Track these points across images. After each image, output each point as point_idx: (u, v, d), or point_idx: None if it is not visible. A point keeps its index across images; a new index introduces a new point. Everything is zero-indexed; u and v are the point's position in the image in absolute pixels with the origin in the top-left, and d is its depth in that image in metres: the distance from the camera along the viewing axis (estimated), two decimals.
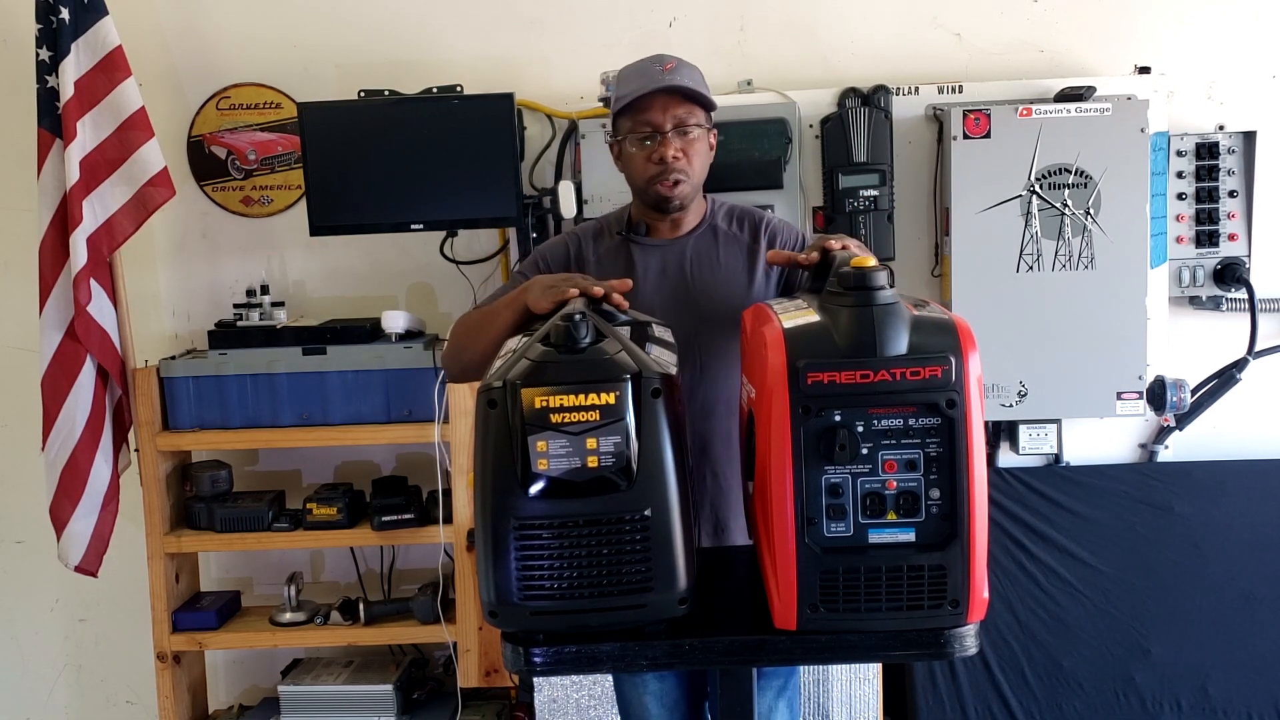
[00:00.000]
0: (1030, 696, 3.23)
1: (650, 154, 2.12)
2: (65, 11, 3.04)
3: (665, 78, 2.12)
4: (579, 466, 1.38)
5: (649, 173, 2.13)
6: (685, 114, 2.12)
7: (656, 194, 2.14)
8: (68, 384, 3.11)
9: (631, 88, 2.12)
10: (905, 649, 1.43)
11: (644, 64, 2.17)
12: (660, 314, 2.08)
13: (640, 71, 2.16)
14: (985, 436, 1.40)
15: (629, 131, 2.14)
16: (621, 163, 2.21)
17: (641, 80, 2.12)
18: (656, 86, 2.09)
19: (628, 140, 2.14)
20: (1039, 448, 3.24)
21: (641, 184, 2.16)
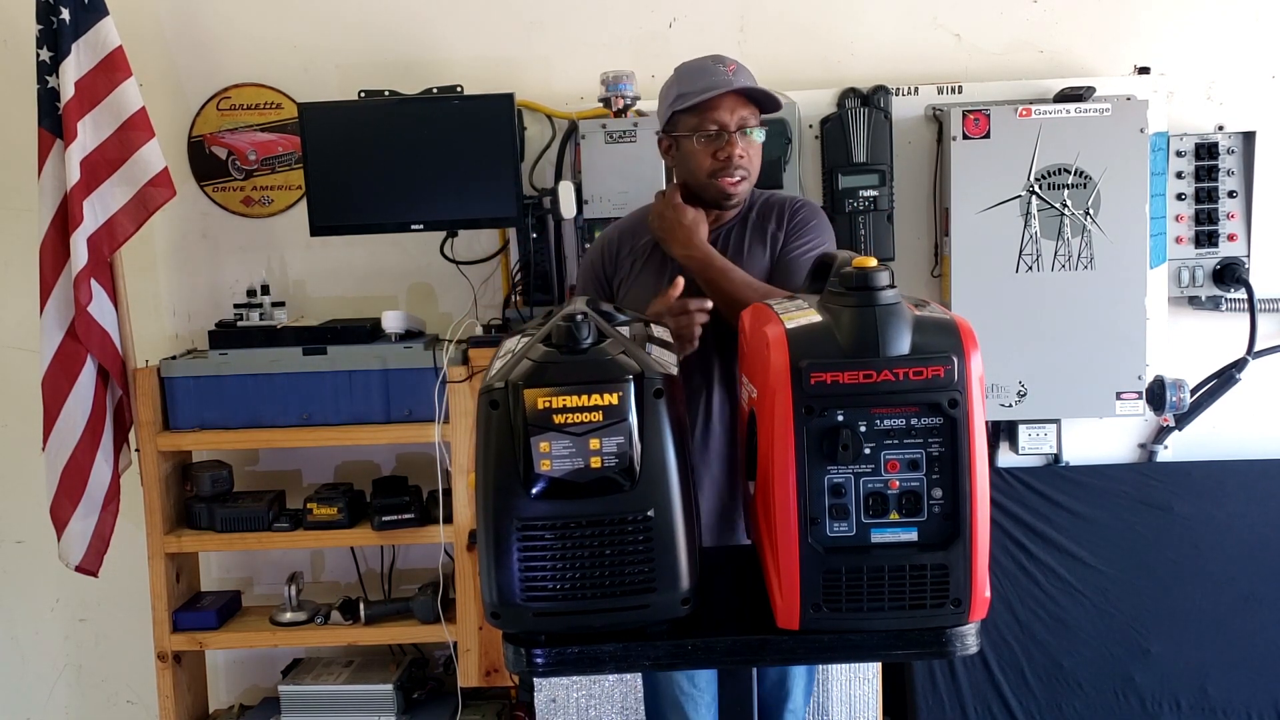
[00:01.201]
0: (1030, 696, 3.24)
1: (716, 151, 2.21)
2: (66, 12, 3.04)
3: (733, 78, 2.21)
4: (582, 467, 1.38)
5: (713, 168, 2.22)
6: (749, 115, 2.23)
7: (720, 189, 2.24)
8: (68, 384, 3.11)
9: (698, 86, 2.19)
10: (907, 648, 1.43)
11: (705, 64, 2.25)
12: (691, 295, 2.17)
13: (705, 71, 2.23)
14: (986, 436, 1.40)
15: (694, 129, 2.21)
16: (675, 157, 2.28)
17: (708, 80, 2.20)
18: (728, 88, 2.18)
19: (694, 137, 2.21)
20: (1039, 448, 3.25)
21: (704, 178, 2.24)
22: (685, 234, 2.24)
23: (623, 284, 2.35)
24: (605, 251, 2.39)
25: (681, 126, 2.24)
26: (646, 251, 2.34)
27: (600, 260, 2.39)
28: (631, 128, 3.00)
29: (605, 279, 2.38)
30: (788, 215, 2.34)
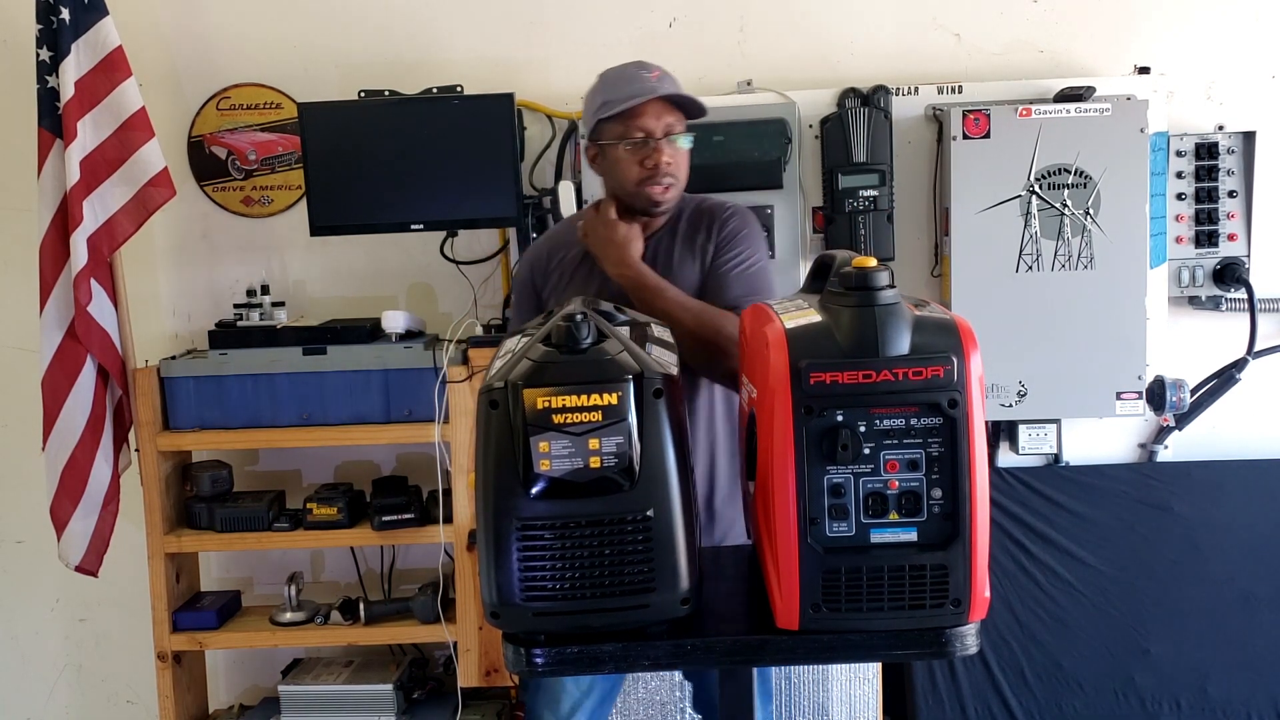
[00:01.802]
0: (1030, 696, 3.24)
1: (643, 159, 2.18)
2: (65, 12, 3.04)
3: (657, 85, 2.18)
4: (581, 467, 1.38)
5: (640, 176, 2.19)
6: (675, 121, 2.21)
7: (648, 197, 2.20)
8: (68, 384, 3.11)
9: (622, 93, 2.16)
10: (907, 648, 1.43)
11: (629, 70, 2.22)
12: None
13: (629, 78, 2.20)
14: (985, 436, 1.40)
15: (619, 136, 2.18)
16: (602, 166, 2.25)
17: (632, 86, 2.17)
18: (653, 95, 2.15)
19: (619, 146, 2.18)
20: (1039, 448, 3.25)
21: (632, 187, 2.20)
22: (618, 252, 2.20)
23: (551, 295, 2.30)
24: (535, 265, 2.36)
25: (607, 134, 2.21)
26: (575, 263, 2.30)
27: (530, 274, 2.36)
28: None
29: (536, 291, 2.34)
30: (717, 226, 2.29)
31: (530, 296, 2.34)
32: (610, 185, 2.27)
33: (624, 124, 2.18)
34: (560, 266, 2.31)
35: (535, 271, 2.35)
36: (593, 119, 2.22)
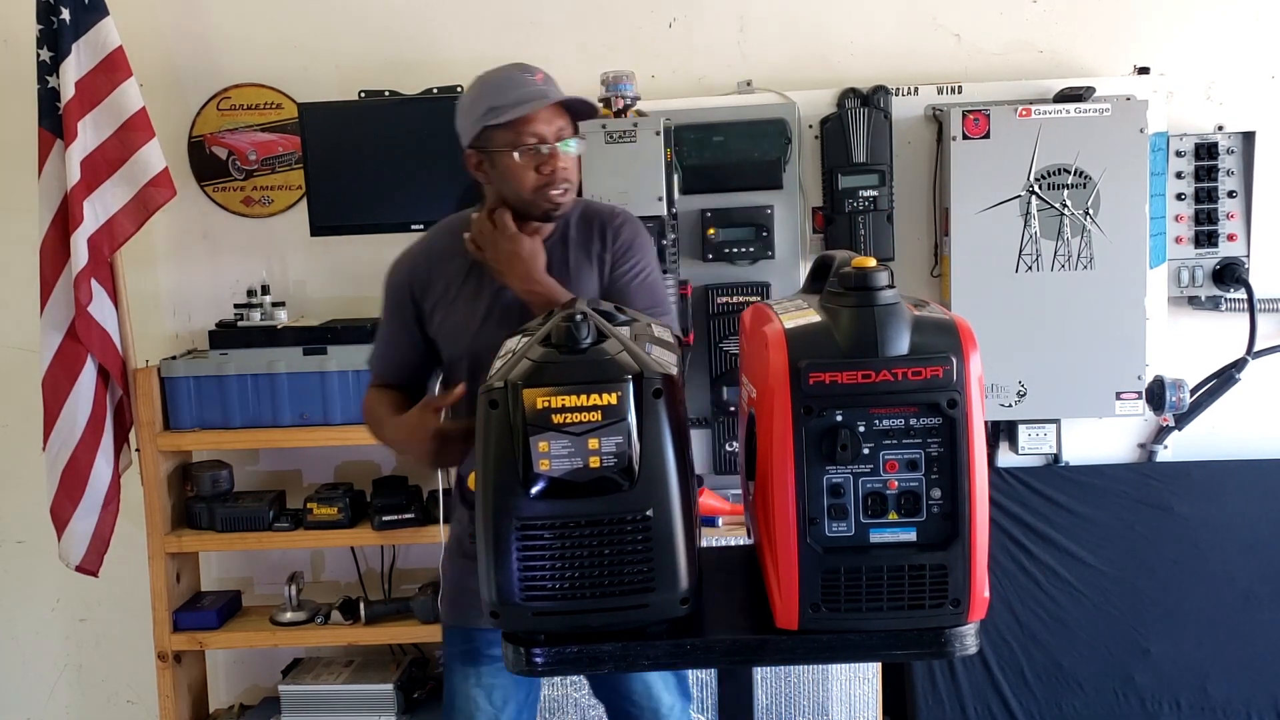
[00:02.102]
0: (1030, 696, 3.24)
1: (539, 166, 2.11)
2: (66, 12, 3.05)
3: (546, 89, 2.12)
4: (581, 467, 1.38)
5: (537, 183, 2.11)
6: (565, 125, 2.14)
7: (546, 204, 2.13)
8: (68, 384, 3.11)
9: (510, 98, 2.08)
10: (906, 648, 1.43)
11: (512, 73, 2.14)
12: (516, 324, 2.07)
13: (514, 81, 2.12)
14: (985, 436, 1.40)
15: (511, 143, 2.10)
16: (489, 174, 2.16)
17: (520, 91, 2.09)
18: (545, 99, 2.09)
19: (514, 153, 2.10)
20: (1038, 448, 3.25)
21: (529, 195, 2.12)
22: (524, 267, 2.12)
23: (436, 307, 2.21)
24: (415, 274, 2.23)
25: (495, 141, 2.11)
26: (462, 275, 2.20)
27: (408, 282, 2.23)
28: (631, 128, 3.00)
29: (414, 301, 2.22)
30: (611, 234, 2.25)
31: (407, 307, 2.23)
32: (501, 193, 2.16)
33: (515, 130, 2.08)
34: (445, 277, 2.21)
35: (415, 282, 2.23)
36: (477, 125, 2.12)
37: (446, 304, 2.20)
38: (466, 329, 2.17)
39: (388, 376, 2.29)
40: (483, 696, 2.27)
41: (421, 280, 2.22)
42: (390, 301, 2.27)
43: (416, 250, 2.28)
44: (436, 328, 2.21)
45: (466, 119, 2.16)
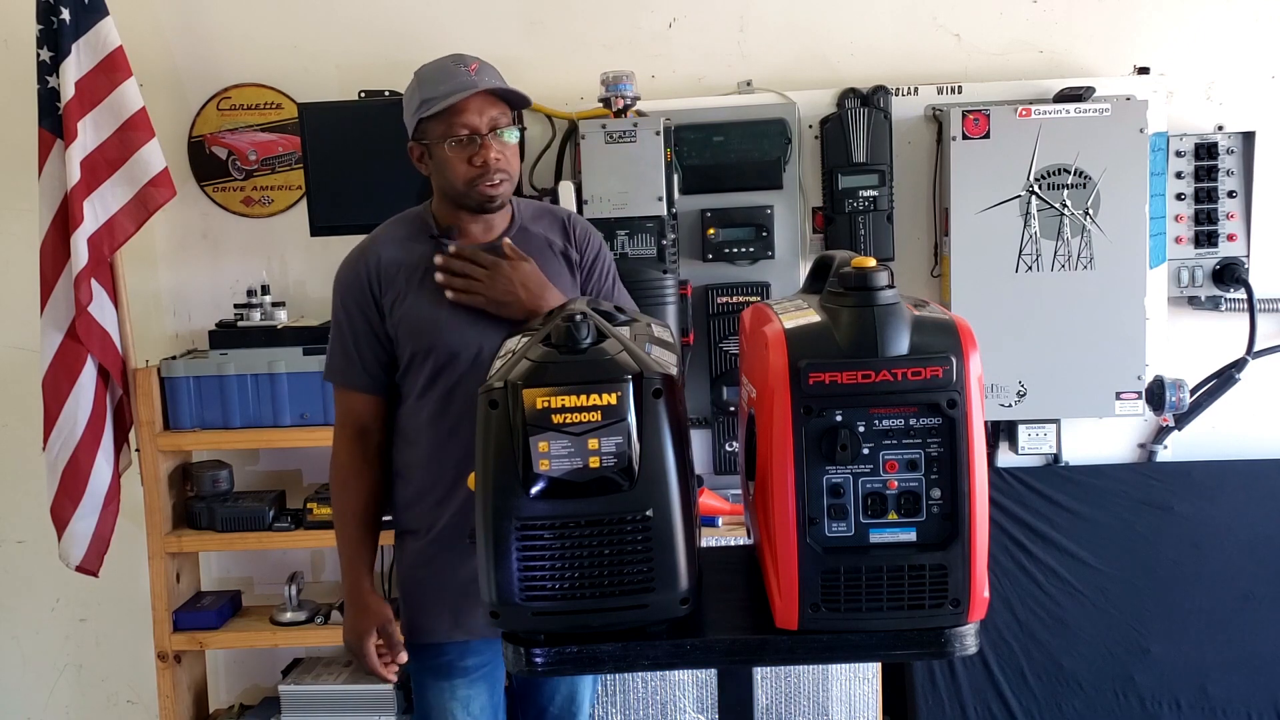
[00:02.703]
0: (1030, 696, 3.24)
1: (471, 157, 2.11)
2: (66, 12, 3.04)
3: (475, 78, 2.11)
4: (581, 467, 1.38)
5: (470, 174, 2.12)
6: (499, 114, 2.14)
7: (481, 195, 2.14)
8: (69, 384, 3.11)
9: (441, 90, 2.09)
10: (906, 648, 1.43)
11: (445, 65, 2.14)
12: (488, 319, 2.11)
13: (446, 73, 2.12)
14: (985, 436, 1.40)
15: (445, 135, 2.11)
16: (430, 166, 2.18)
17: (451, 82, 2.10)
18: (472, 89, 2.09)
19: (446, 144, 2.11)
20: (1038, 448, 3.25)
21: (463, 187, 2.13)
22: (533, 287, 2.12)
23: (396, 302, 2.18)
24: (370, 269, 2.20)
25: (431, 133, 2.14)
26: (422, 268, 2.18)
27: (366, 277, 2.20)
28: (631, 128, 3.01)
29: (373, 297, 2.19)
30: (576, 235, 2.27)
31: (369, 304, 2.20)
32: (439, 185, 2.19)
33: (447, 122, 2.10)
34: (403, 269, 2.19)
35: (373, 278, 2.19)
36: (414, 118, 2.15)
37: (406, 295, 2.17)
38: (434, 322, 2.15)
39: (356, 383, 2.22)
40: (461, 710, 2.26)
41: (379, 275, 2.19)
42: (348, 302, 2.22)
43: (367, 247, 2.25)
44: (398, 321, 2.17)
45: (406, 112, 2.19)
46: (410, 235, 2.23)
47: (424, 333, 2.15)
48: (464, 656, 2.23)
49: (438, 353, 2.14)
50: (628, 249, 3.03)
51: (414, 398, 2.19)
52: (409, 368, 2.18)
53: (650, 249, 3.04)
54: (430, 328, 2.15)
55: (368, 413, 2.22)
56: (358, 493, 2.22)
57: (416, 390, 2.19)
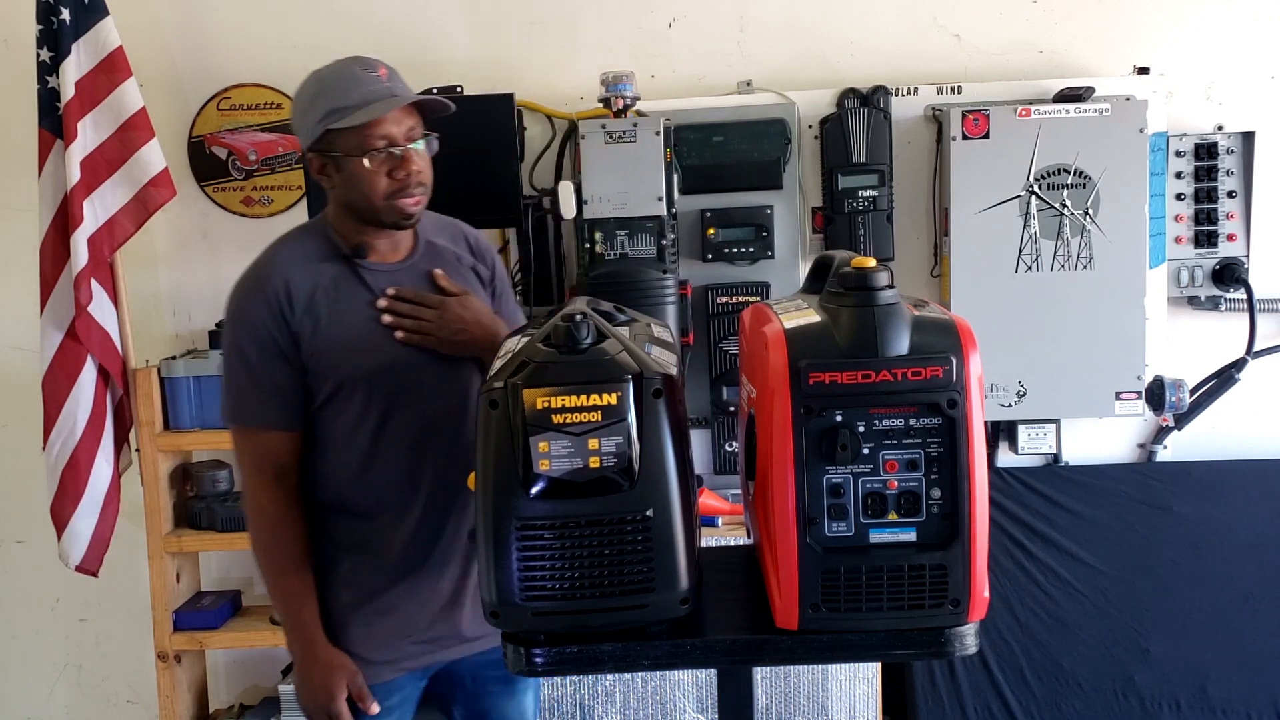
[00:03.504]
0: (1030, 696, 3.24)
1: (391, 170, 1.96)
2: (66, 12, 3.05)
3: (392, 86, 1.98)
4: (581, 467, 1.38)
5: (390, 189, 1.97)
6: (416, 125, 2.00)
7: (399, 211, 1.99)
8: (68, 384, 3.11)
9: (354, 98, 1.93)
10: (906, 648, 1.43)
11: (352, 70, 1.97)
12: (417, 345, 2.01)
13: (356, 79, 1.96)
14: (985, 436, 1.40)
15: (359, 147, 1.94)
16: (336, 179, 1.99)
17: (364, 89, 1.94)
18: (392, 99, 1.95)
19: (365, 158, 1.94)
20: (1038, 448, 3.25)
21: (380, 203, 1.97)
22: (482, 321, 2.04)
23: (316, 329, 1.99)
24: (279, 293, 1.98)
25: (340, 145, 1.95)
26: (335, 286, 2.01)
27: (276, 303, 1.98)
28: (631, 128, 3.00)
29: (286, 324, 1.99)
30: (478, 249, 2.20)
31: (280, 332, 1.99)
32: (347, 199, 2.00)
33: (362, 133, 1.93)
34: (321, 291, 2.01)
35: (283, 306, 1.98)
36: (318, 128, 1.95)
37: (329, 322, 2.00)
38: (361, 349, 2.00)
39: (272, 420, 2.02)
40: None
41: (290, 300, 1.99)
42: (255, 332, 1.99)
43: (268, 271, 2.02)
44: (319, 350, 1.99)
45: (305, 120, 1.98)
46: (315, 255, 2.03)
47: (352, 360, 2.00)
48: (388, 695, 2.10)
49: (369, 380, 2.00)
50: (628, 249, 3.03)
51: (343, 429, 2.03)
52: (333, 398, 2.02)
53: (650, 249, 3.03)
54: (358, 355, 2.00)
55: (287, 451, 2.03)
56: (291, 541, 2.03)
57: (348, 421, 2.02)
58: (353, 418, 2.03)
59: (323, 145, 1.98)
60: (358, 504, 2.06)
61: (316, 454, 2.06)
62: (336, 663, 2.04)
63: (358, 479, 2.05)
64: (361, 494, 2.06)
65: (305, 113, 1.99)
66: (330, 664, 2.04)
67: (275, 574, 2.05)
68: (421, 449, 2.05)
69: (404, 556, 2.07)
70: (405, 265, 2.08)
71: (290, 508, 2.04)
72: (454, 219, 2.24)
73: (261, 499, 2.03)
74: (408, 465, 2.05)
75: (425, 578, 2.08)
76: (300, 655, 2.06)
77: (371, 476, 2.05)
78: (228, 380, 2.05)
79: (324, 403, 2.03)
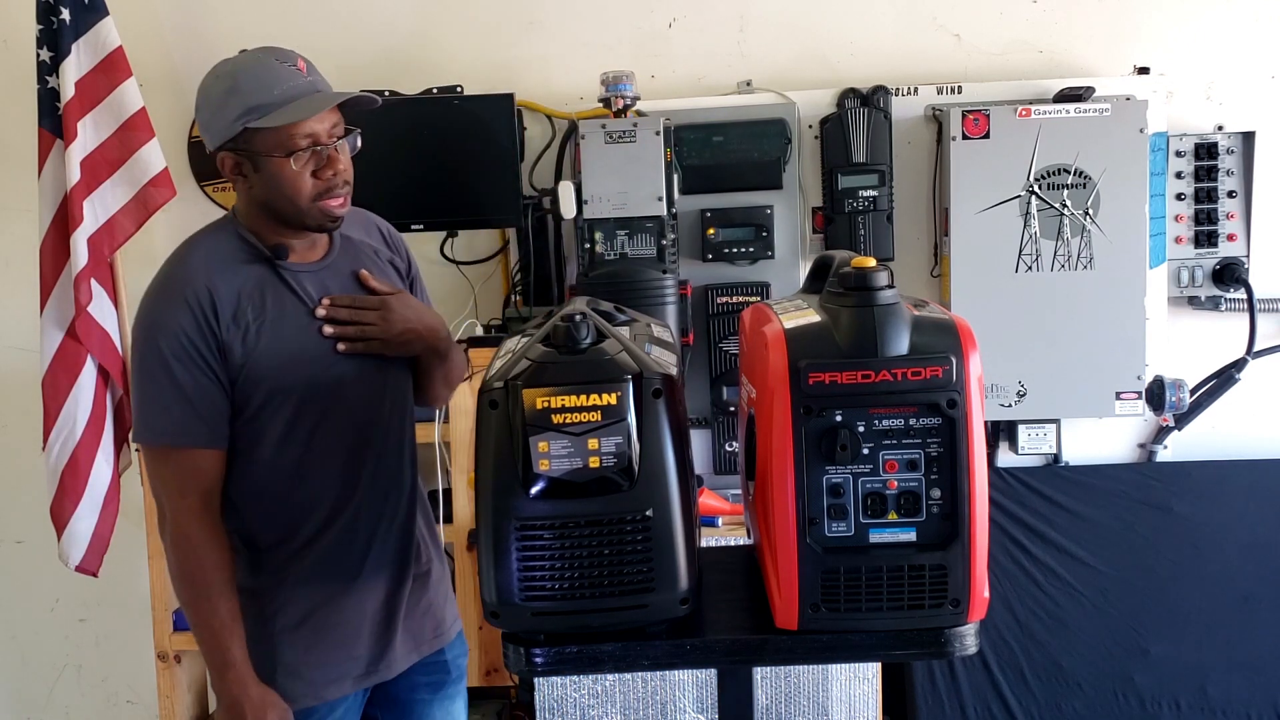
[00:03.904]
0: (1029, 696, 3.24)
1: (317, 171, 1.87)
2: (66, 12, 3.05)
3: (312, 81, 1.87)
4: (580, 467, 1.38)
5: (316, 190, 1.87)
6: (339, 121, 1.90)
7: (325, 212, 1.90)
8: (68, 384, 3.11)
9: (275, 95, 1.82)
10: (906, 648, 1.43)
11: (269, 64, 1.85)
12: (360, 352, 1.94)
13: (275, 74, 1.84)
14: (985, 436, 1.41)
15: (281, 146, 1.83)
16: (253, 179, 1.88)
17: (285, 85, 1.83)
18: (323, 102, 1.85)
19: (290, 158, 1.84)
20: (1038, 448, 3.25)
21: (305, 204, 1.87)
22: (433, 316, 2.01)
23: (246, 337, 1.88)
24: (201, 302, 1.87)
25: (261, 144, 1.84)
26: (260, 291, 1.90)
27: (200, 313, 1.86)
28: (631, 128, 3.00)
29: (212, 334, 1.86)
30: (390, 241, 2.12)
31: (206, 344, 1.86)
32: (267, 199, 1.89)
33: (285, 132, 1.82)
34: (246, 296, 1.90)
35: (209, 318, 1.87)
36: (236, 125, 1.83)
37: (260, 330, 1.89)
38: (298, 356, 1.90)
39: (200, 439, 1.88)
40: None
41: (214, 309, 1.87)
42: (176, 345, 1.85)
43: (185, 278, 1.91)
44: (252, 360, 1.88)
45: (218, 117, 1.86)
46: (233, 257, 1.92)
47: (286, 370, 1.89)
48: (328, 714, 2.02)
49: (302, 389, 1.90)
50: (628, 249, 3.03)
51: (271, 442, 1.92)
52: (262, 409, 1.90)
53: (650, 249, 3.03)
54: (292, 364, 1.90)
55: (214, 470, 1.90)
56: (218, 568, 1.90)
57: (276, 433, 1.91)
58: (281, 429, 1.91)
59: (239, 144, 1.86)
60: (287, 519, 1.96)
61: (240, 470, 1.93)
62: (268, 701, 1.93)
63: (288, 493, 1.95)
64: (291, 508, 1.96)
65: (218, 109, 1.85)
66: (262, 703, 1.92)
67: (201, 607, 1.90)
68: (355, 457, 1.97)
69: (340, 568, 1.98)
70: (326, 264, 1.98)
71: (216, 533, 1.91)
72: (361, 209, 2.10)
73: (186, 525, 1.89)
74: (342, 474, 1.98)
75: (363, 588, 2.00)
76: (229, 695, 1.92)
77: (305, 489, 1.95)
78: (144, 397, 1.89)
79: (252, 415, 1.91)
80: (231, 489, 1.94)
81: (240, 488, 1.94)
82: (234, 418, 1.91)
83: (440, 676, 2.17)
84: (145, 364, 1.88)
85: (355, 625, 2.01)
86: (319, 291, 1.95)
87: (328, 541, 1.98)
